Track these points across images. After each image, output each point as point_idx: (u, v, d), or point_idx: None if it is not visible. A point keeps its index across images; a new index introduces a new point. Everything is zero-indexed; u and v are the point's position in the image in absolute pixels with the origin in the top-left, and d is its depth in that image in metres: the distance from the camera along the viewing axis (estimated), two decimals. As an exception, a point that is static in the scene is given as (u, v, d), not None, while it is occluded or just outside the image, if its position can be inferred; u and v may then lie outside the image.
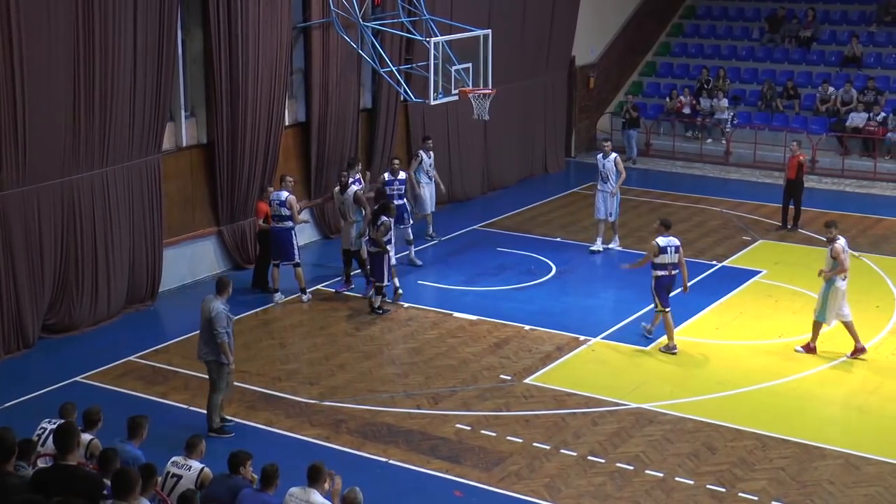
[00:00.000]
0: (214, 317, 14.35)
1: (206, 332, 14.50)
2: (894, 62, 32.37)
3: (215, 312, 14.37)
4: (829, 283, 17.26)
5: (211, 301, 14.54)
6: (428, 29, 23.16)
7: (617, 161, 22.77)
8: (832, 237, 17.45)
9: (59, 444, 10.16)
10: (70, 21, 17.18)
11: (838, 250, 17.24)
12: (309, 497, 10.67)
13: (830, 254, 17.31)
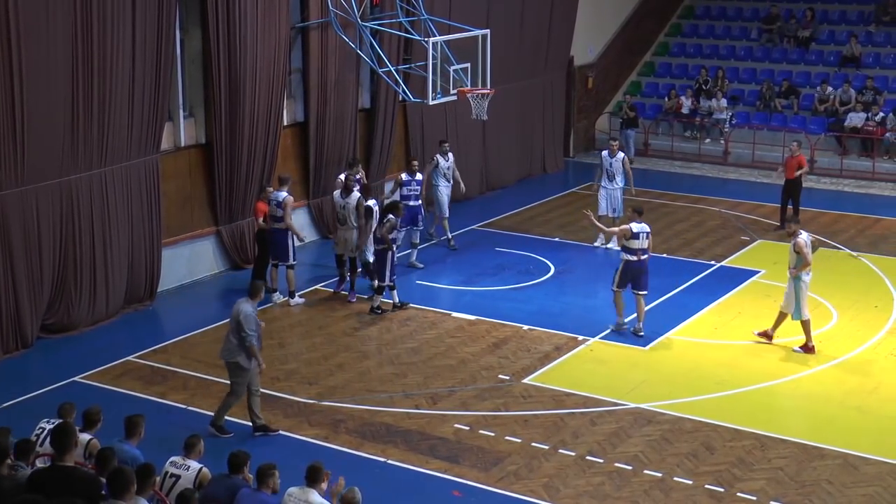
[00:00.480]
0: (243, 319, 14.25)
1: (233, 334, 14.43)
2: (893, 62, 32.39)
3: (244, 315, 14.28)
4: (797, 279, 17.43)
5: (241, 304, 14.49)
6: (426, 29, 23.16)
7: (624, 161, 22.93)
8: (793, 232, 17.65)
9: (56, 444, 10.15)
10: (68, 21, 17.18)
11: (801, 245, 17.41)
12: (308, 497, 10.67)
13: (794, 249, 17.48)
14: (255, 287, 14.81)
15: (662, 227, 24.86)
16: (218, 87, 20.41)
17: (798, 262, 17.42)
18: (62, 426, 10.57)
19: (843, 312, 19.30)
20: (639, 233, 18.07)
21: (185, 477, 11.12)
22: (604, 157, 23.07)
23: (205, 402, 15.67)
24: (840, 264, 22.19)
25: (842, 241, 23.59)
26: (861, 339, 18.15)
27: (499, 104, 25.39)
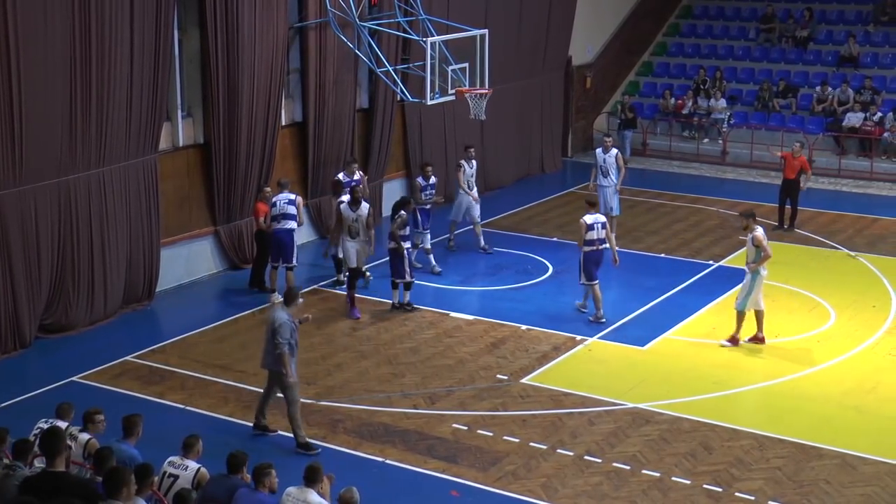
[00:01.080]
0: (278, 327, 13.99)
1: (269, 342, 14.23)
2: (891, 62, 32.40)
3: (279, 323, 14.03)
4: (756, 273, 17.56)
5: (277, 311, 14.31)
6: (424, 29, 23.16)
7: (618, 157, 22.90)
8: (748, 226, 17.82)
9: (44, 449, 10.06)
10: (66, 21, 17.17)
11: (760, 238, 17.54)
12: (306, 497, 10.68)
13: (752, 243, 17.62)
14: (292, 294, 14.57)
15: (660, 226, 24.88)
16: (216, 86, 20.41)
17: (757, 256, 17.59)
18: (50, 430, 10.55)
19: (841, 312, 19.31)
20: (593, 224, 18.85)
21: (183, 477, 11.12)
22: (598, 154, 23.07)
23: (203, 401, 15.68)
24: (838, 264, 22.20)
25: (840, 241, 23.60)
26: (859, 338, 18.16)
27: (497, 104, 25.40)
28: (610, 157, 22.81)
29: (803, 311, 19.47)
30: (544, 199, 27.27)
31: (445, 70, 21.74)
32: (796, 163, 24.30)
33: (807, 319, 19.02)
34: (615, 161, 22.78)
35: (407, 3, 23.37)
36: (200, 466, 11.25)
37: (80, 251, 18.14)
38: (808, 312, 19.36)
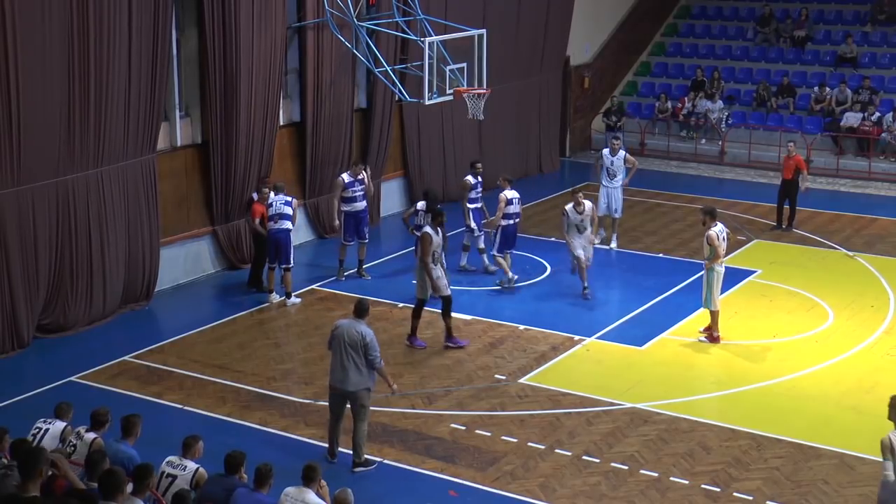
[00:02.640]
0: (370, 343, 13.29)
1: (352, 359, 13.38)
2: (889, 62, 32.42)
3: (370, 338, 13.31)
4: (710, 270, 17.85)
5: (356, 325, 13.47)
6: (422, 29, 23.16)
7: (627, 158, 22.90)
8: (705, 223, 18.14)
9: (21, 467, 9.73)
10: (64, 21, 17.17)
11: (712, 237, 17.83)
12: (304, 497, 10.68)
13: (706, 241, 17.87)
14: (363, 306, 13.74)
15: (658, 226, 24.89)
16: (214, 86, 20.41)
17: (711, 253, 17.82)
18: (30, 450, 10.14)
19: (840, 312, 19.31)
20: (512, 199, 20.23)
21: (181, 477, 11.12)
22: (605, 156, 23.04)
23: (200, 402, 15.68)
24: (836, 264, 22.20)
25: (838, 241, 23.61)
26: (857, 338, 18.16)
27: (495, 104, 25.40)
28: (618, 158, 22.81)
29: (801, 311, 19.48)
30: (542, 199, 27.26)
31: (443, 70, 21.74)
32: (791, 162, 24.31)
33: (805, 319, 19.02)
34: (623, 163, 22.79)
35: (405, 3, 23.37)
36: (199, 466, 11.25)
37: (78, 251, 18.13)
38: (807, 312, 19.37)
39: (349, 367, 13.39)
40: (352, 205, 20.70)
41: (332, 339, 13.61)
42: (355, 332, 13.40)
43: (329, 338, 13.74)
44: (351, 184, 20.67)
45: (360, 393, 13.49)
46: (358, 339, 13.34)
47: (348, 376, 13.42)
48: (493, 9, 26.87)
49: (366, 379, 13.47)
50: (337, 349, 13.47)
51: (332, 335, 13.60)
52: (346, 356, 13.38)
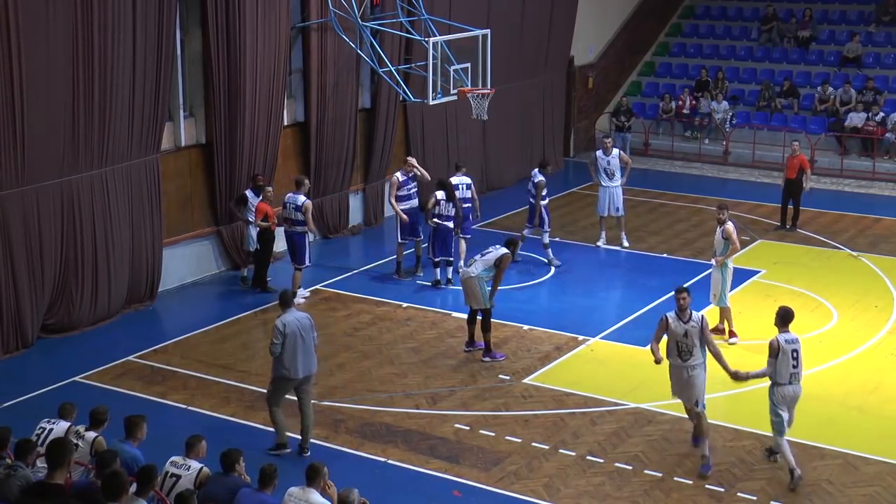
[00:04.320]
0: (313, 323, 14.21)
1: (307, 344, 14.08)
2: (893, 62, 32.40)
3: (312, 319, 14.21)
4: (725, 266, 17.78)
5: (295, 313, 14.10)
6: (427, 29, 23.16)
7: (621, 156, 22.90)
8: (723, 219, 17.90)
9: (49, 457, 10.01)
10: (69, 21, 17.19)
11: (731, 230, 17.68)
12: (308, 497, 10.68)
13: (722, 235, 17.76)
14: (289, 295, 14.41)
15: (662, 226, 24.88)
16: (218, 87, 20.42)
17: (725, 248, 17.73)
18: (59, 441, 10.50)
19: (844, 312, 19.31)
20: (458, 185, 20.54)
21: (185, 477, 11.12)
22: (599, 157, 22.98)
23: (205, 402, 15.69)
24: (840, 264, 22.19)
25: (842, 241, 23.60)
26: (861, 338, 18.16)
27: (499, 104, 25.39)
28: (613, 158, 22.77)
29: (805, 311, 19.43)
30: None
31: (447, 70, 21.74)
32: (795, 162, 24.31)
33: (809, 320, 18.99)
34: (619, 161, 22.77)
35: (409, 3, 23.37)
36: (203, 466, 11.25)
37: (82, 251, 18.15)
38: (811, 312, 19.35)
39: (310, 352, 14.05)
40: (406, 203, 20.98)
41: (285, 336, 13.81)
42: (303, 318, 14.03)
43: (279, 338, 13.79)
44: (406, 182, 20.89)
45: (315, 372, 14.33)
46: (308, 324, 14.01)
47: (310, 360, 14.11)
48: (497, 9, 26.87)
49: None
50: (294, 343, 13.84)
51: (285, 333, 13.80)
52: (305, 343, 13.94)
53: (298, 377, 13.97)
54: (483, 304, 17.17)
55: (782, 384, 13.39)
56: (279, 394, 14.15)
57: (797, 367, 13.42)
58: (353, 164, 23.89)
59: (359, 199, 24.54)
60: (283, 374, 13.94)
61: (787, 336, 13.46)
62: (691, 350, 13.88)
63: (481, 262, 17.22)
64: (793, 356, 13.36)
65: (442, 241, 20.25)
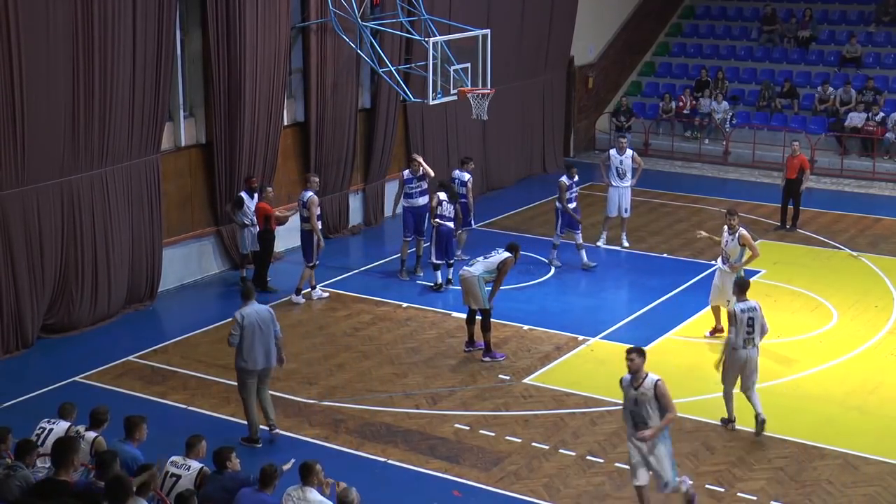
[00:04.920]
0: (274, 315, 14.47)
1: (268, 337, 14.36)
2: (893, 62, 32.40)
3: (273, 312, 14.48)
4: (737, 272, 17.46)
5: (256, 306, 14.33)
6: (427, 29, 23.16)
7: (635, 157, 22.92)
8: (734, 225, 17.68)
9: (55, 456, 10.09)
10: (69, 21, 17.19)
11: (748, 236, 17.54)
12: (306, 495, 10.70)
13: (739, 241, 17.49)
14: (250, 288, 14.70)
15: (663, 226, 24.88)
16: (218, 86, 20.42)
17: (740, 256, 17.54)
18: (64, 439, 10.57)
19: (844, 312, 19.31)
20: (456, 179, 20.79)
21: (185, 477, 11.14)
22: (613, 156, 23.01)
23: (205, 402, 15.70)
24: (840, 264, 22.20)
25: (842, 241, 23.60)
26: (861, 338, 18.16)
27: (499, 104, 25.39)
28: (626, 158, 22.81)
29: (805, 311, 19.47)
30: (546, 199, 27.19)
31: (447, 70, 21.74)
32: (795, 162, 24.32)
33: (809, 319, 19.01)
34: (632, 161, 22.80)
35: (409, 3, 23.37)
36: (203, 466, 11.26)
37: (82, 251, 18.15)
38: (811, 312, 19.36)
39: (269, 344, 14.24)
40: (410, 201, 21.15)
41: (243, 328, 14.04)
42: (262, 311, 14.25)
43: (237, 330, 14.04)
44: (409, 180, 21.10)
45: (275, 365, 14.48)
46: (268, 316, 14.23)
47: (270, 352, 14.26)
48: (497, 9, 26.87)
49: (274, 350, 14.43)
50: (252, 334, 14.06)
51: (243, 325, 14.03)
52: (264, 336, 14.15)
53: (257, 368, 14.20)
54: (481, 304, 17.18)
55: (737, 349, 14.59)
56: (247, 386, 14.35)
57: (752, 333, 14.60)
58: (353, 164, 23.88)
59: (359, 199, 24.54)
60: (242, 365, 14.21)
61: (743, 305, 14.71)
62: (646, 421, 12.38)
63: (483, 264, 17.24)
64: (748, 323, 14.57)
65: (444, 242, 20.21)
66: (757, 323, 14.65)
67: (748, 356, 14.64)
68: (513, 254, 17.46)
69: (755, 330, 14.63)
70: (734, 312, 14.66)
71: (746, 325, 14.57)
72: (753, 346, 14.68)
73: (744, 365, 14.67)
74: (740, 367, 14.69)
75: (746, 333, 14.58)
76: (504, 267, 17.25)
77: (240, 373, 14.30)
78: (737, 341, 14.60)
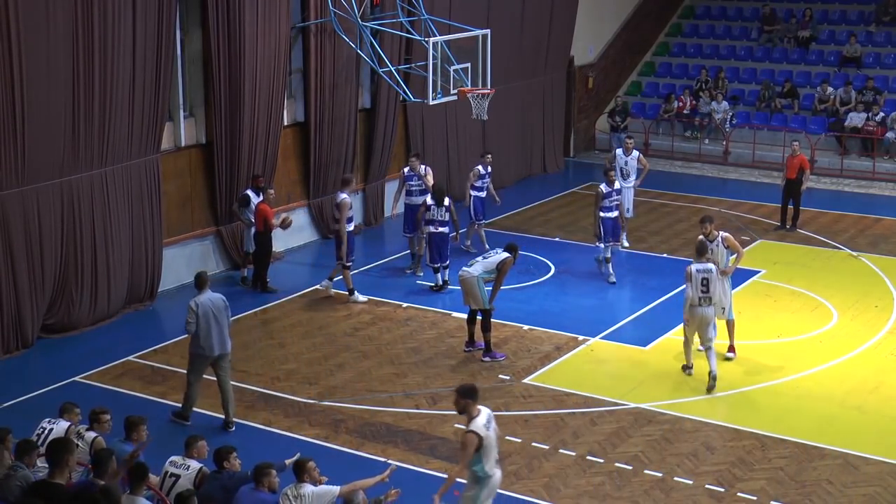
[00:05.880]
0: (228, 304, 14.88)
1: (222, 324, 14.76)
2: (893, 62, 32.41)
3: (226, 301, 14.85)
4: (730, 277, 17.21)
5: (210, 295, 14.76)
6: (427, 29, 23.16)
7: (640, 158, 22.94)
8: (708, 232, 17.09)
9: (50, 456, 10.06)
10: (69, 21, 17.19)
11: (732, 239, 17.27)
12: (299, 491, 10.76)
13: (724, 244, 17.15)
14: (205, 277, 15.15)
15: (663, 226, 24.88)
16: (218, 86, 20.43)
17: (727, 259, 17.18)
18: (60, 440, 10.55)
19: (844, 312, 19.31)
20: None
21: (185, 476, 11.15)
22: (619, 155, 23.06)
23: (205, 402, 15.66)
24: (840, 264, 22.20)
25: (842, 241, 23.60)
26: (861, 338, 18.16)
27: (499, 104, 25.40)
28: (632, 158, 22.85)
29: (805, 311, 19.47)
30: (546, 199, 27.27)
31: (448, 70, 21.74)
32: (795, 161, 24.33)
33: (809, 319, 19.02)
34: (637, 162, 22.81)
35: (409, 3, 23.37)
36: (202, 466, 11.28)
37: (82, 251, 18.16)
38: (811, 312, 19.37)
39: (224, 331, 14.71)
40: (410, 198, 21.51)
41: (198, 316, 14.47)
42: (216, 300, 14.69)
43: (193, 317, 14.47)
44: (409, 177, 21.39)
45: (230, 351, 14.91)
46: (221, 304, 14.67)
47: (225, 339, 14.73)
48: (498, 9, 26.88)
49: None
50: (207, 321, 14.50)
51: (198, 313, 14.47)
52: (219, 323, 14.60)
53: (213, 355, 14.67)
54: (481, 304, 17.18)
55: (693, 305, 16.02)
56: (197, 371, 14.85)
57: (706, 292, 16.01)
58: (353, 164, 23.88)
59: (359, 199, 24.53)
60: (197, 351, 14.69)
61: (699, 266, 16.08)
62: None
63: (482, 264, 17.24)
64: (702, 283, 15.96)
65: (437, 247, 20.16)
66: (711, 283, 15.95)
67: (703, 313, 16.02)
68: (512, 254, 17.47)
69: (709, 290, 15.96)
70: (690, 272, 15.99)
71: (701, 285, 15.93)
72: (709, 304, 16.06)
73: (700, 321, 16.06)
74: (697, 323, 16.10)
75: (701, 292, 15.96)
76: (503, 267, 17.25)
77: (193, 357, 14.81)
78: (693, 298, 15.94)
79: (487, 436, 11.20)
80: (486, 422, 11.31)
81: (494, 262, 17.24)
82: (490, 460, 11.30)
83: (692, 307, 16.05)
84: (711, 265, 16.16)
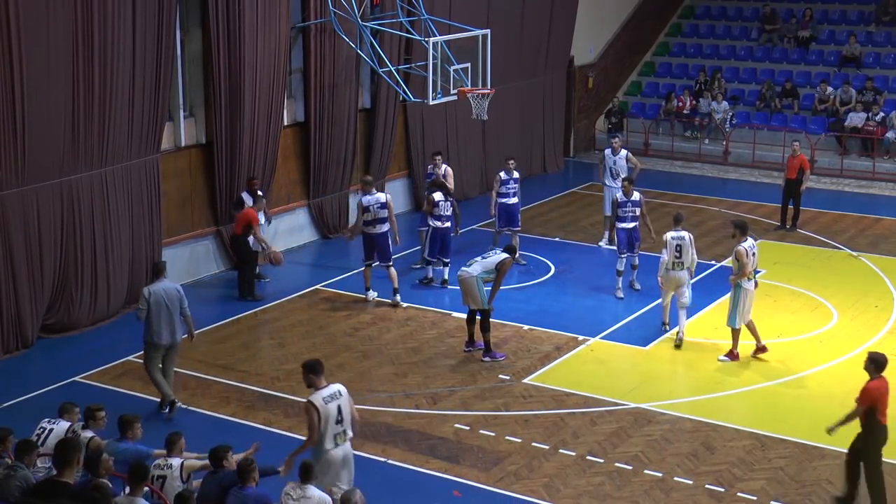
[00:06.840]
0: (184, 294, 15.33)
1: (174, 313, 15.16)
2: (893, 62, 32.41)
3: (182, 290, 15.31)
4: (737, 286, 17.00)
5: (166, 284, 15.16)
6: (427, 29, 23.17)
7: (629, 157, 22.86)
8: (734, 236, 17.25)
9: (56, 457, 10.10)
10: (69, 21, 17.19)
11: (741, 253, 16.98)
12: (305, 492, 10.73)
13: (735, 256, 17.17)
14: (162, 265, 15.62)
15: (663, 226, 24.77)
16: (218, 86, 20.42)
17: (738, 269, 17.05)
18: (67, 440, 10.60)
19: (844, 312, 19.30)
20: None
21: (170, 476, 11.16)
22: (607, 156, 23.05)
23: (204, 402, 15.69)
24: (840, 264, 22.19)
25: (842, 241, 23.60)
26: (861, 339, 18.14)
27: (499, 104, 25.40)
28: (620, 158, 22.81)
29: (805, 311, 19.47)
30: (546, 199, 27.27)
31: (447, 70, 21.75)
32: (796, 162, 24.33)
33: (809, 319, 19.01)
34: (626, 162, 22.77)
35: (409, 3, 23.38)
36: (183, 461, 11.31)
37: (82, 251, 18.15)
38: (811, 312, 19.36)
39: (175, 321, 15.07)
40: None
41: (149, 304, 14.87)
42: (171, 290, 15.06)
43: (144, 305, 14.89)
44: (430, 174, 21.86)
45: (180, 340, 15.31)
46: (175, 295, 15.04)
47: (175, 328, 15.09)
48: (497, 9, 26.88)
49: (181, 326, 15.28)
50: (158, 310, 14.90)
51: (150, 301, 14.87)
52: (170, 312, 14.97)
53: (163, 343, 15.04)
54: (480, 304, 17.18)
55: (668, 269, 17.78)
56: (153, 360, 15.16)
57: (680, 258, 17.71)
58: (353, 164, 23.88)
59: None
60: (148, 339, 15.09)
61: (675, 234, 17.85)
62: None
63: (481, 264, 17.24)
64: (676, 249, 17.70)
65: (440, 241, 20.25)
66: (684, 250, 17.68)
67: (677, 276, 17.72)
68: (511, 254, 17.47)
69: (682, 255, 17.66)
70: (666, 239, 17.83)
71: (675, 251, 17.68)
72: (683, 269, 17.73)
73: (675, 282, 17.77)
74: (673, 285, 17.82)
75: (675, 257, 17.71)
76: (502, 267, 17.25)
77: (146, 346, 15.16)
78: (668, 263, 17.71)
79: (325, 408, 11.35)
80: (330, 395, 11.56)
81: (493, 262, 17.25)
82: (327, 435, 11.40)
83: (668, 270, 17.73)
84: (685, 233, 17.88)
